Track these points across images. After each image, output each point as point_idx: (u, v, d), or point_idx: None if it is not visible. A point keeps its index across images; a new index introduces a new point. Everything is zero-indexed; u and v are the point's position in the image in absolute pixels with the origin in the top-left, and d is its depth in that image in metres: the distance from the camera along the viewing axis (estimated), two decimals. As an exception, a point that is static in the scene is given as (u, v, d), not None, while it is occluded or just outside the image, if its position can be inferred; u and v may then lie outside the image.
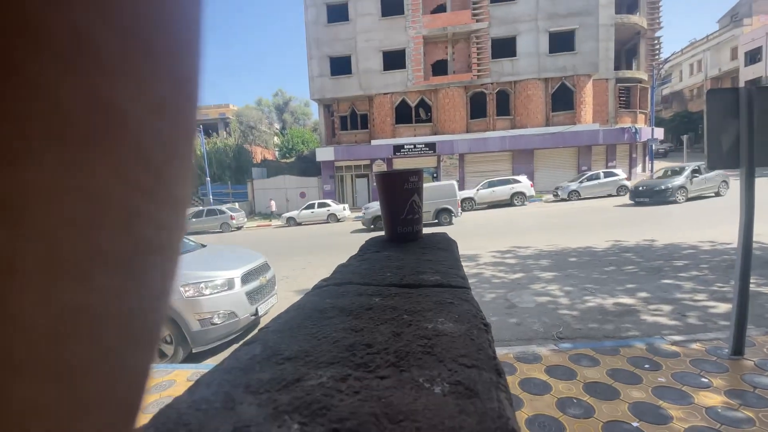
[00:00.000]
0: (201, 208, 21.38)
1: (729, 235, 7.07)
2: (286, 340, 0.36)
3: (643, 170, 24.36)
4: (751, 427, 2.11)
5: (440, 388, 0.26)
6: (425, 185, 4.60)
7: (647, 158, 22.77)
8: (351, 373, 0.29)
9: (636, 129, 21.20)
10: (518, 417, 1.74)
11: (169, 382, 3.28)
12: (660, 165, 25.55)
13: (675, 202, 13.49)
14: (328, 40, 22.76)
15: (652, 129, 20.97)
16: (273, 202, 23.89)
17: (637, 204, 14.17)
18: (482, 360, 0.30)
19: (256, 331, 0.40)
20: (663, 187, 13.60)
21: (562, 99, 21.76)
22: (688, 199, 13.83)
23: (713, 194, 14.37)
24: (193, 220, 19.91)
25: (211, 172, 26.73)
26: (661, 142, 28.66)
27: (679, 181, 13.71)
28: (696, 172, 14.04)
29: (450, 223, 13.11)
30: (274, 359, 0.32)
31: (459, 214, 13.78)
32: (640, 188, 14.31)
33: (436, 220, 13.12)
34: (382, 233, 0.97)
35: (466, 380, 0.27)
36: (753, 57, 30.33)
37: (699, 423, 2.18)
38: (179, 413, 0.24)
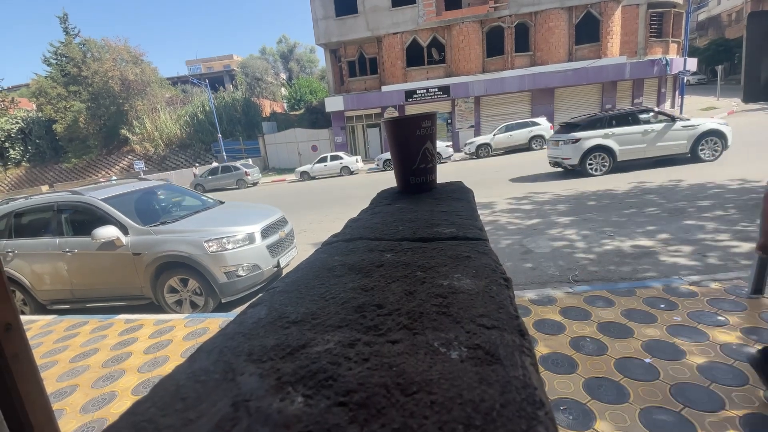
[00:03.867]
0: (216, 165, 21.52)
1: (763, 172, 6.75)
2: (292, 301, 0.34)
3: (672, 106, 22.88)
4: (767, 363, 2.13)
5: (457, 353, 0.24)
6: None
7: (677, 92, 21.23)
8: (360, 337, 0.27)
9: (667, 60, 19.54)
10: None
11: (203, 329, 3.51)
12: (690, 100, 23.93)
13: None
14: (331, -24, 21.09)
15: (685, 60, 19.24)
16: (216, 163, 22.32)
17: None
18: (503, 320, 0.27)
19: (263, 292, 0.39)
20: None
21: (587, 30, 20.01)
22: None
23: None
24: (210, 177, 20.16)
25: (222, 128, 26.48)
26: (694, 73, 26.54)
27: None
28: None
29: None
30: (280, 323, 0.30)
31: None
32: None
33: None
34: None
35: (486, 344, 0.24)
36: (808, -32, 26.78)
37: (713, 359, 2.21)
38: (178, 385, 0.23)
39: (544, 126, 17.21)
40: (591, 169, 9.09)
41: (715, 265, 3.73)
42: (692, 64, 21.54)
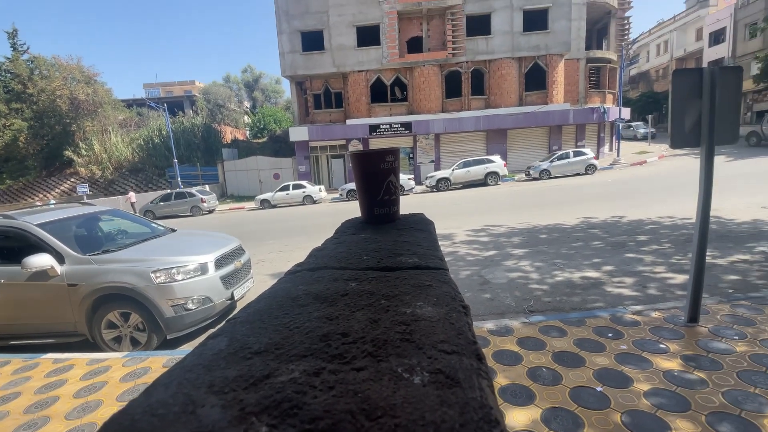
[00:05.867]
0: (169, 191, 20.55)
1: (690, 210, 7.50)
2: (255, 331, 0.34)
3: (610, 149, 25.20)
4: (704, 388, 2.29)
5: (420, 378, 0.25)
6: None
7: (614, 138, 23.52)
8: (325, 366, 0.27)
9: (605, 109, 21.76)
10: (492, 388, 1.80)
11: (144, 369, 3.21)
12: (625, 144, 26.53)
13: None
14: (299, 13, 21.80)
15: (620, 109, 21.57)
16: (132, 194, 21.35)
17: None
18: (462, 345, 0.29)
19: (223, 322, 0.38)
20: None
21: (535, 78, 21.95)
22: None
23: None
24: (161, 203, 19.14)
25: (179, 153, 25.58)
26: (627, 121, 29.59)
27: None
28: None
29: None
30: (242, 354, 0.30)
31: None
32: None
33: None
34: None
35: (447, 368, 0.26)
36: (717, 38, 31.44)
37: (657, 385, 2.34)
38: (132, 420, 0.21)
39: (498, 163, 18.30)
40: None
41: (655, 295, 4.02)
42: (626, 113, 24.11)
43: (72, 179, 27.36)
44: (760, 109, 27.39)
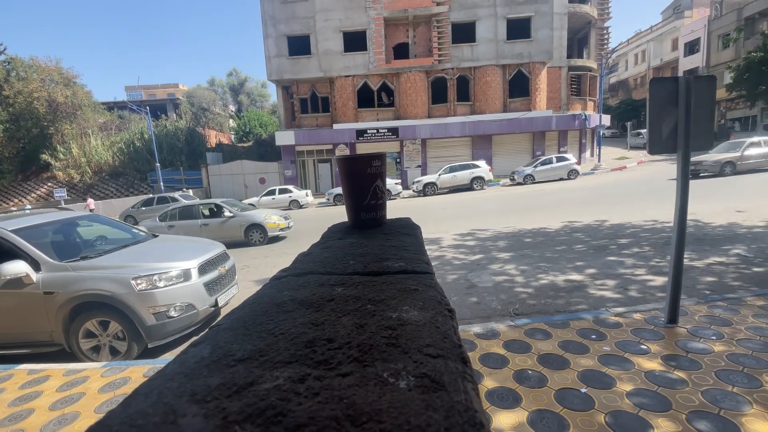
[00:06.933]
0: (151, 195, 20.13)
1: (668, 214, 7.71)
2: (239, 338, 0.33)
3: (592, 155, 25.81)
4: (684, 388, 2.34)
5: (405, 382, 0.25)
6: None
7: (595, 143, 24.14)
8: (310, 372, 0.27)
9: (586, 116, 22.31)
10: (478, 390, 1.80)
11: (124, 379, 3.11)
12: (606, 151, 27.23)
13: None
14: (285, 18, 21.75)
15: (600, 116, 22.18)
16: (90, 200, 21.30)
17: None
18: (448, 349, 0.29)
19: (207, 330, 0.37)
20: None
21: (519, 86, 22.38)
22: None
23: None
24: (143, 208, 18.69)
25: (161, 157, 25.08)
26: (607, 128, 30.41)
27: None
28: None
29: None
30: (225, 361, 0.29)
31: None
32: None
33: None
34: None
35: (432, 372, 0.26)
36: (692, 48, 32.68)
37: (639, 386, 2.39)
38: (111, 431, 0.21)
39: (483, 168, 18.53)
40: None
41: (636, 297, 4.11)
42: (606, 119, 24.79)
43: (49, 183, 26.54)
44: (733, 117, 28.56)
